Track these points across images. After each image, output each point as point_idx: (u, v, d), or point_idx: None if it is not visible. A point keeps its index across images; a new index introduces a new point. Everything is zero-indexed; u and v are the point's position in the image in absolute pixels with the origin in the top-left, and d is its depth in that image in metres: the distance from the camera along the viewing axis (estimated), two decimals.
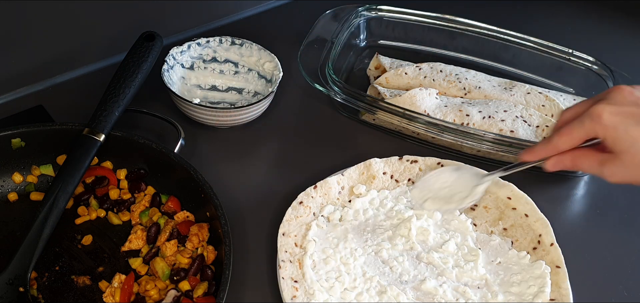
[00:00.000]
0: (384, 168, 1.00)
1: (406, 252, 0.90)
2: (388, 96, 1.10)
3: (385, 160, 1.00)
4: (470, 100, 1.11)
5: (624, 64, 1.19)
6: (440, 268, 0.89)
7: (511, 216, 0.95)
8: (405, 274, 0.88)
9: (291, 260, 0.88)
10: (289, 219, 0.92)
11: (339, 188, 0.97)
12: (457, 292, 0.86)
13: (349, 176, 0.99)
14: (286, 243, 0.89)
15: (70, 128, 0.95)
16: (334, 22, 1.17)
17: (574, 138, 0.82)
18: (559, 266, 0.88)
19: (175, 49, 1.10)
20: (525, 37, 1.19)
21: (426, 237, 0.92)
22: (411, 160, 1.01)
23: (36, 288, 0.84)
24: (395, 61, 1.19)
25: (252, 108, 1.05)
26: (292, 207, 0.93)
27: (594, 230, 1.00)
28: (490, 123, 1.05)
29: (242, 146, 1.08)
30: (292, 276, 0.86)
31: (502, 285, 0.87)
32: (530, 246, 0.92)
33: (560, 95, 1.14)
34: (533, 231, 0.93)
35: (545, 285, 0.86)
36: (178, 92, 1.06)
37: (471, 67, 1.19)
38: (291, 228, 0.91)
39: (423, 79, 1.14)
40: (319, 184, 0.96)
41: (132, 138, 0.95)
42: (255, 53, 1.13)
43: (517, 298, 0.86)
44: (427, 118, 1.02)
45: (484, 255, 0.91)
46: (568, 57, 1.18)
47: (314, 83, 1.06)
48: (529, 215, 0.94)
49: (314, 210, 0.94)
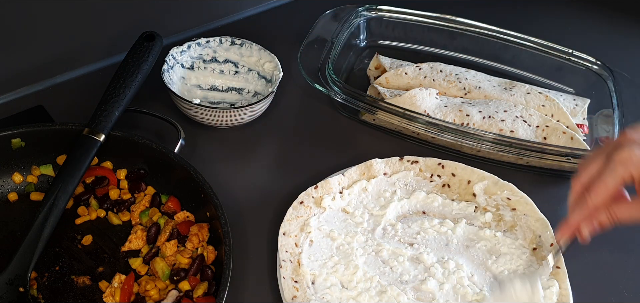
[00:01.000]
0: (385, 168, 1.00)
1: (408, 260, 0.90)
2: (388, 96, 1.10)
3: (386, 160, 1.00)
4: (470, 100, 1.11)
5: (624, 64, 1.19)
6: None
7: (511, 216, 0.95)
8: (405, 274, 0.88)
9: (291, 260, 0.88)
10: (290, 219, 0.92)
11: (339, 188, 0.97)
12: (457, 293, 0.86)
13: (349, 176, 0.99)
14: (287, 243, 0.89)
15: (70, 128, 0.95)
16: (334, 22, 1.17)
17: (609, 188, 0.80)
18: (559, 266, 0.88)
19: (175, 49, 1.10)
20: (525, 37, 1.20)
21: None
22: (412, 161, 1.01)
23: (36, 288, 0.84)
24: (395, 61, 1.19)
25: (252, 108, 1.05)
26: (293, 207, 0.93)
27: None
28: (490, 123, 1.05)
29: (242, 146, 1.08)
30: (292, 276, 0.86)
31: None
32: (530, 247, 0.92)
33: (560, 95, 1.14)
34: (533, 232, 0.93)
35: (552, 285, 0.86)
36: (178, 92, 1.06)
37: (471, 67, 1.19)
38: (292, 227, 0.91)
39: (423, 79, 1.14)
40: (319, 184, 0.96)
41: (132, 138, 0.95)
42: (255, 53, 1.13)
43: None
44: (427, 118, 1.02)
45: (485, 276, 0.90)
46: (568, 57, 1.18)
47: (314, 83, 1.06)
48: (529, 215, 0.94)
49: (314, 210, 0.94)
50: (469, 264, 0.90)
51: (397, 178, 1.00)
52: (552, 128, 1.04)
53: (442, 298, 0.86)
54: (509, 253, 0.91)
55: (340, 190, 0.97)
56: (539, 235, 0.92)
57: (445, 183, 1.00)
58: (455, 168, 1.00)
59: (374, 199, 0.97)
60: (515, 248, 0.92)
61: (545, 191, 1.03)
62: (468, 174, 0.99)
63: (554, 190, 1.05)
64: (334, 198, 0.96)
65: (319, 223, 0.93)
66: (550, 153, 0.99)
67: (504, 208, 0.96)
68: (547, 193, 1.03)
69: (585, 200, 0.82)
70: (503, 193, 0.97)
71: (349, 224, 0.94)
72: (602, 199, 0.81)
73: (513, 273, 0.89)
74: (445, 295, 0.86)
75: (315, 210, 0.94)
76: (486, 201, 0.97)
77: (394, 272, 0.88)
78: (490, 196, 0.98)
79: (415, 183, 1.00)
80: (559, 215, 1.00)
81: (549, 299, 0.85)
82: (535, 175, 1.06)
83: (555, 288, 0.86)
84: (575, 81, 1.18)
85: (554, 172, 1.05)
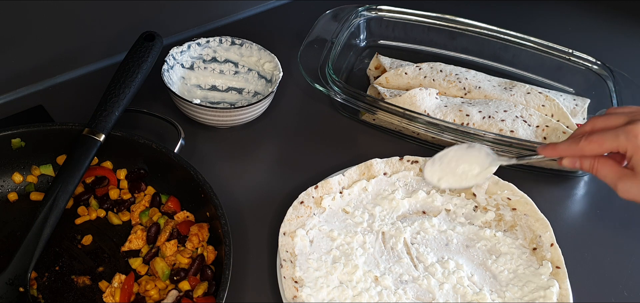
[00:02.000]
0: (385, 168, 1.00)
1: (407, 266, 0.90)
2: (388, 96, 1.10)
3: (386, 160, 1.00)
4: (470, 100, 1.11)
5: (624, 64, 1.19)
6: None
7: (511, 216, 0.95)
8: (405, 274, 0.88)
9: (292, 260, 0.88)
10: (290, 219, 0.92)
11: (339, 188, 0.97)
12: (457, 293, 0.86)
13: (349, 177, 0.99)
14: (287, 243, 0.89)
15: (70, 128, 0.95)
16: (334, 22, 1.17)
17: (603, 148, 0.83)
18: (559, 267, 0.88)
19: (175, 49, 1.10)
20: (525, 37, 1.20)
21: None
22: (412, 160, 1.01)
23: (36, 288, 0.84)
24: (395, 61, 1.19)
25: (252, 108, 1.05)
26: (293, 207, 0.93)
27: (594, 230, 1.00)
28: (490, 122, 1.05)
29: (242, 146, 1.08)
30: (293, 276, 0.86)
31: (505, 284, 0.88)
32: (531, 247, 0.92)
33: (560, 95, 1.14)
34: (533, 232, 0.93)
35: (553, 285, 0.86)
36: (178, 92, 1.06)
37: (471, 67, 1.19)
38: (292, 227, 0.91)
39: (423, 79, 1.14)
40: (320, 184, 0.96)
41: (132, 138, 0.95)
42: (255, 53, 1.13)
43: (522, 295, 0.86)
44: (427, 118, 1.02)
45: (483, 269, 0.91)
46: (568, 57, 1.18)
47: (314, 83, 1.06)
48: (529, 215, 0.94)
49: (314, 210, 0.94)
50: (468, 264, 0.90)
51: (397, 178, 1.00)
52: (552, 127, 1.04)
53: (442, 297, 0.86)
54: (509, 253, 0.91)
55: (341, 190, 0.97)
56: (539, 235, 0.92)
57: None
58: None
59: (373, 199, 0.97)
60: (515, 248, 0.92)
61: (545, 191, 1.04)
62: None
63: (554, 190, 1.05)
64: (334, 198, 0.96)
65: (319, 223, 0.93)
66: None
67: (504, 208, 0.96)
68: (547, 193, 1.04)
69: (580, 143, 0.84)
70: (503, 193, 0.97)
71: (349, 224, 0.94)
72: (594, 153, 0.84)
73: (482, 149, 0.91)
74: (445, 294, 0.86)
75: (315, 210, 0.94)
76: (486, 201, 0.97)
77: (394, 271, 0.88)
78: (490, 196, 0.98)
79: (416, 182, 1.00)
80: (559, 215, 1.01)
81: (549, 299, 0.85)
82: (535, 175, 1.06)
83: (556, 288, 0.86)
84: (576, 81, 1.18)
85: (554, 172, 1.06)
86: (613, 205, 1.03)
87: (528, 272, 0.89)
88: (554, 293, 0.86)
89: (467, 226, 0.95)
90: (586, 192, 1.06)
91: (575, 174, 1.06)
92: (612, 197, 1.03)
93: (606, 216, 1.02)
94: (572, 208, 1.05)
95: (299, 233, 0.91)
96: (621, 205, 1.03)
